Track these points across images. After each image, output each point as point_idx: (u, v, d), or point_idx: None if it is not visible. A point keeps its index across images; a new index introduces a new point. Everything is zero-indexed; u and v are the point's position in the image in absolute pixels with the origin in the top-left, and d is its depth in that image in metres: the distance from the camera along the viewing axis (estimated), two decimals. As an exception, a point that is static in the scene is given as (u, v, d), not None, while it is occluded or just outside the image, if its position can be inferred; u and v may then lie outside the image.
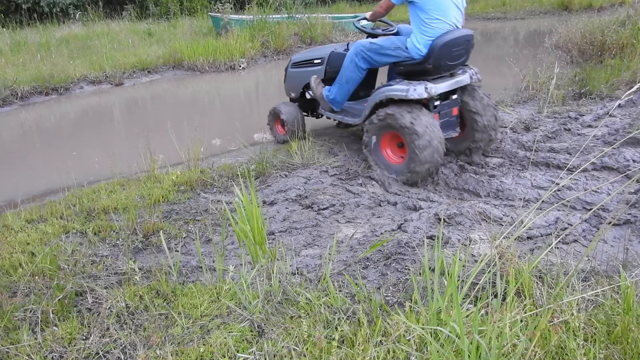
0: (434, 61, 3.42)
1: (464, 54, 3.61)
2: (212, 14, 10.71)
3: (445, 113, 3.69)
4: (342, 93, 3.91)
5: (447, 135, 3.66)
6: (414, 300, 1.91)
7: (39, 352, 1.87)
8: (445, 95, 3.67)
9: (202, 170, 3.80)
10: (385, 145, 3.67)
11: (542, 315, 1.63)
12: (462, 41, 3.50)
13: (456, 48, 3.48)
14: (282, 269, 2.22)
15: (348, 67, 3.76)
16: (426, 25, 3.39)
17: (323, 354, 1.71)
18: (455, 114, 3.76)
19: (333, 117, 4.19)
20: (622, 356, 1.60)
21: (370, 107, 3.68)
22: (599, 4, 12.30)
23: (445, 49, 3.39)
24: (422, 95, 3.37)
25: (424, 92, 3.36)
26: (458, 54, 3.53)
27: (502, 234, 2.41)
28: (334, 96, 3.97)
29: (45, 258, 2.43)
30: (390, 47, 3.55)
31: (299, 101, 4.52)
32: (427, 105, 3.56)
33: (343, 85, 3.86)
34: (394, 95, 3.47)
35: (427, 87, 3.37)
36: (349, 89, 3.87)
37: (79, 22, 11.92)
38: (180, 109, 6.50)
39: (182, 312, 2.05)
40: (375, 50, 3.62)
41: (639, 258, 2.32)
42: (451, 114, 3.73)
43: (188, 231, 2.96)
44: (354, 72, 3.75)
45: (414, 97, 3.38)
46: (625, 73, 5.55)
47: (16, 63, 8.11)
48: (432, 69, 3.48)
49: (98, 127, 5.99)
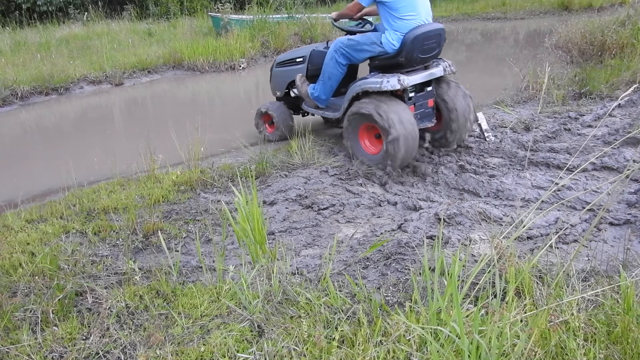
0: (406, 54, 3.57)
1: (436, 47, 3.74)
2: (212, 14, 10.71)
3: (421, 104, 3.84)
4: (325, 89, 4.06)
5: (424, 125, 3.85)
6: (414, 300, 1.91)
7: (39, 352, 1.87)
8: (421, 87, 3.82)
9: (202, 170, 3.80)
10: (363, 137, 3.83)
11: (541, 314, 1.63)
12: (433, 35, 3.64)
13: (428, 41, 3.62)
14: (282, 269, 2.22)
15: (329, 64, 3.92)
16: (397, 21, 3.55)
17: (323, 354, 1.71)
18: (430, 105, 3.91)
19: (317, 113, 4.33)
20: (622, 356, 1.61)
21: (347, 100, 3.84)
22: (599, 4, 12.29)
23: (416, 42, 3.54)
24: (395, 87, 3.53)
25: (397, 83, 3.52)
26: (430, 47, 3.68)
27: (502, 233, 2.41)
28: (318, 93, 4.11)
29: (45, 258, 2.43)
30: (366, 43, 3.70)
31: (284, 100, 4.66)
32: (402, 97, 3.71)
33: (326, 81, 4.00)
34: (368, 88, 3.64)
35: (400, 79, 3.53)
36: (332, 85, 4.01)
37: (79, 22, 11.91)
38: (180, 109, 6.50)
39: (182, 312, 2.05)
40: (352, 47, 3.77)
41: (639, 258, 2.32)
42: (427, 106, 3.89)
43: (188, 231, 2.96)
44: (335, 68, 3.91)
45: (387, 89, 3.55)
46: (625, 73, 5.55)
47: (16, 63, 8.11)
48: (405, 62, 3.62)
49: (98, 127, 5.99)
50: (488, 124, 4.68)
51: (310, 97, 4.20)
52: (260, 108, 4.69)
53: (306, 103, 4.36)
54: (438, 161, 3.87)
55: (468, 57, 9.69)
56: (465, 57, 9.68)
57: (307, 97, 4.23)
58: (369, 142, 3.85)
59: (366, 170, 3.69)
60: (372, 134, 3.81)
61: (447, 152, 4.02)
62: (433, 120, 3.94)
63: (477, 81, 6.59)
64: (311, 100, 4.22)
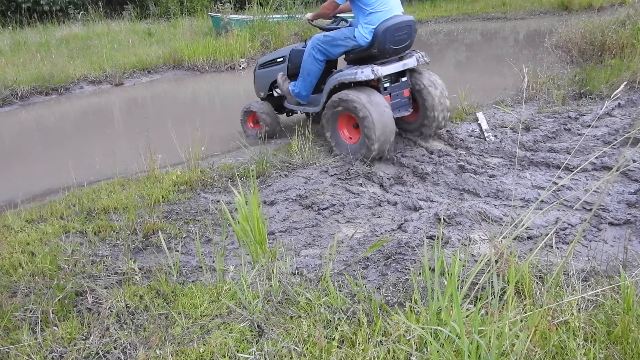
0: (378, 45, 3.75)
1: (407, 39, 3.92)
2: (212, 14, 10.71)
3: (397, 94, 4.05)
4: (306, 86, 4.22)
5: (400, 114, 4.06)
6: (414, 300, 1.91)
7: (39, 352, 1.87)
8: (396, 78, 4.04)
9: (202, 170, 3.80)
10: (342, 127, 4.03)
11: (538, 314, 1.63)
12: (404, 26, 3.83)
13: (399, 33, 3.81)
14: (282, 269, 2.22)
15: (307, 60, 4.09)
16: (369, 15, 3.74)
17: (323, 354, 1.71)
18: (406, 95, 4.12)
19: (298, 109, 4.51)
20: (622, 356, 1.60)
21: (326, 93, 4.05)
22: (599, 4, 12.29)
23: (387, 33, 3.73)
24: (369, 77, 3.72)
25: (371, 73, 3.72)
26: (401, 39, 3.86)
27: (501, 233, 2.41)
28: (299, 90, 4.27)
29: (45, 258, 2.43)
30: (341, 38, 3.89)
31: (267, 100, 4.82)
32: (378, 87, 3.91)
33: (306, 78, 4.17)
34: (344, 79, 3.85)
35: (373, 69, 3.73)
36: (312, 81, 4.18)
37: (79, 22, 11.91)
38: (180, 109, 6.50)
39: (182, 312, 2.05)
40: (328, 42, 3.96)
41: (639, 258, 2.32)
42: (402, 96, 4.09)
43: (188, 231, 2.96)
44: (313, 64, 4.08)
45: (362, 79, 3.75)
46: (625, 73, 5.55)
47: (16, 63, 8.11)
48: (377, 53, 3.81)
49: (98, 127, 5.99)
50: (488, 124, 4.68)
51: (291, 94, 4.35)
52: (245, 107, 4.85)
53: (288, 101, 4.50)
54: (438, 161, 3.87)
55: (468, 57, 9.69)
56: (465, 57, 9.68)
57: (289, 94, 4.38)
58: (347, 132, 4.04)
59: (366, 171, 3.69)
60: (351, 124, 4.00)
61: (448, 153, 4.02)
62: (409, 109, 4.14)
63: (477, 81, 6.59)
64: (293, 97, 4.37)
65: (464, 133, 4.52)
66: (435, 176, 3.58)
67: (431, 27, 13.34)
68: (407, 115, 4.20)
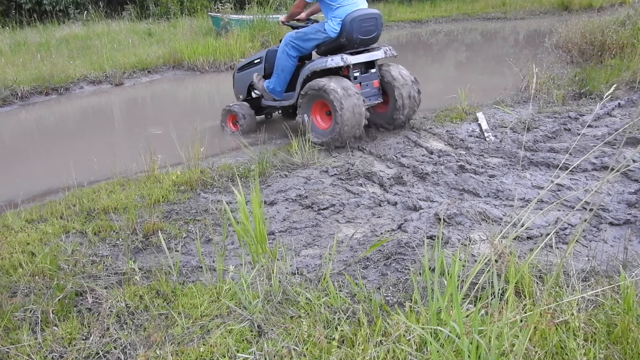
0: (346, 35, 4.06)
1: (374, 30, 4.23)
2: (212, 14, 10.71)
3: (366, 84, 4.35)
4: (279, 82, 4.49)
5: (371, 103, 4.34)
6: (414, 300, 1.91)
7: (39, 352, 1.87)
8: (365, 69, 4.35)
9: (202, 170, 3.80)
10: (316, 114, 4.30)
11: (537, 314, 1.63)
12: (370, 18, 4.16)
13: (365, 23, 4.12)
14: (282, 269, 2.22)
15: (281, 57, 4.37)
16: (336, 9, 4.07)
17: (323, 354, 1.71)
18: (376, 85, 4.41)
19: (275, 104, 4.71)
20: (622, 356, 1.61)
21: (300, 83, 4.32)
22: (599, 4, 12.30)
23: (354, 23, 4.04)
24: (339, 64, 4.05)
25: (340, 60, 4.05)
26: (368, 30, 4.17)
27: (501, 233, 2.41)
28: (273, 86, 4.54)
29: (45, 258, 2.43)
30: (312, 32, 4.21)
31: (246, 102, 5.04)
32: (348, 76, 4.19)
33: (279, 74, 4.44)
34: (316, 68, 4.16)
35: (342, 57, 4.07)
36: (285, 77, 4.45)
37: (79, 22, 11.91)
38: (181, 109, 6.50)
39: (182, 312, 2.05)
40: (300, 38, 4.26)
41: (639, 258, 2.32)
42: (372, 86, 4.39)
43: (188, 231, 2.96)
44: (287, 60, 4.35)
45: (332, 66, 4.06)
46: (625, 73, 5.55)
47: (16, 63, 8.11)
48: (346, 42, 4.11)
49: (98, 127, 5.99)
50: (488, 124, 4.68)
51: (266, 91, 4.61)
52: (226, 107, 5.05)
53: (265, 98, 4.74)
54: (438, 161, 3.87)
55: (468, 57, 9.69)
56: (465, 57, 9.68)
57: (264, 91, 4.64)
58: (320, 119, 4.31)
59: (366, 171, 3.69)
60: (324, 112, 4.27)
61: (448, 153, 4.02)
62: (379, 99, 4.44)
63: (477, 81, 6.59)
64: (268, 94, 4.63)
65: (464, 133, 4.52)
66: (435, 176, 3.58)
67: (431, 27, 13.33)
68: (378, 107, 4.53)
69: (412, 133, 4.59)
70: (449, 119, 4.96)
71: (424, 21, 13.78)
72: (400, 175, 3.60)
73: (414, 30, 13.02)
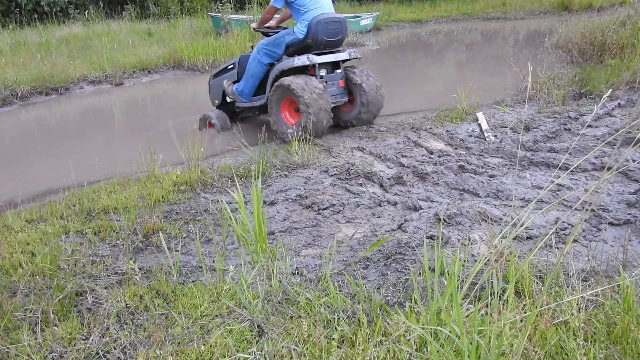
0: (312, 36, 4.38)
1: (339, 33, 4.55)
2: (212, 14, 10.72)
3: (332, 83, 4.64)
4: (248, 85, 4.81)
5: (337, 101, 4.65)
6: (414, 300, 1.91)
7: (39, 352, 1.87)
8: (332, 69, 4.65)
9: (202, 170, 3.80)
10: (285, 110, 4.58)
11: (535, 314, 1.63)
12: (334, 21, 4.49)
13: (330, 26, 4.44)
14: (282, 269, 2.22)
15: (252, 63, 4.71)
16: (304, 14, 4.40)
17: (323, 354, 1.71)
18: (341, 85, 4.72)
19: (247, 105, 4.97)
20: (622, 356, 1.61)
21: (270, 82, 4.60)
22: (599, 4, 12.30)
23: (319, 25, 4.37)
24: (305, 62, 4.36)
25: (306, 59, 4.36)
26: (333, 32, 4.49)
27: (500, 233, 2.41)
28: (242, 88, 4.86)
29: (45, 258, 2.43)
30: (282, 35, 4.53)
31: (221, 107, 5.31)
32: (315, 75, 4.49)
33: (249, 79, 4.78)
34: (284, 67, 4.46)
35: (308, 57, 4.38)
36: (254, 82, 4.77)
37: (79, 22, 11.91)
38: (181, 109, 6.50)
39: (182, 312, 2.05)
40: (272, 43, 4.58)
41: (639, 258, 2.32)
42: (338, 85, 4.69)
43: (188, 231, 2.96)
44: (257, 67, 4.69)
45: (298, 64, 4.37)
46: (625, 73, 5.55)
47: (16, 63, 8.11)
48: (312, 43, 4.43)
49: (98, 127, 5.99)
50: (488, 124, 4.68)
51: (235, 94, 4.94)
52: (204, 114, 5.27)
53: (237, 102, 5.04)
54: (438, 161, 3.87)
55: (468, 57, 9.69)
56: (465, 57, 9.68)
57: (234, 94, 4.96)
58: (289, 115, 4.59)
59: (366, 171, 3.69)
60: (292, 108, 4.56)
61: (448, 153, 4.02)
62: (345, 97, 4.74)
63: (477, 81, 6.59)
64: (237, 96, 4.95)
65: (464, 133, 4.52)
66: (435, 176, 3.58)
67: (431, 27, 13.33)
68: (344, 106, 4.84)
69: (412, 133, 4.59)
70: (449, 119, 4.96)
71: (424, 21, 13.78)
72: (400, 175, 3.60)
73: (414, 30, 13.03)
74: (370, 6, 15.57)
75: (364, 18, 12.59)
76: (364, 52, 10.50)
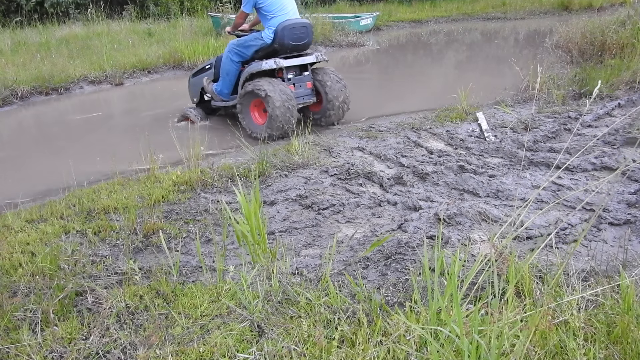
0: (279, 41, 4.64)
1: (305, 37, 4.80)
2: (212, 14, 10.71)
3: (300, 85, 4.92)
4: (225, 84, 5.07)
5: (305, 102, 4.96)
6: (414, 300, 1.91)
7: (39, 352, 1.87)
8: (300, 72, 4.94)
9: (202, 170, 3.80)
10: (254, 111, 4.86)
11: (539, 314, 1.63)
12: (300, 26, 4.73)
13: (296, 31, 4.69)
14: (282, 269, 2.22)
15: (225, 62, 4.98)
16: (271, 19, 4.65)
17: (323, 354, 1.71)
18: (309, 87, 4.99)
19: (223, 104, 5.22)
20: (622, 356, 1.61)
21: (241, 84, 4.87)
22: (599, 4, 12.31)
23: (286, 30, 4.62)
24: (272, 66, 4.64)
25: (274, 63, 4.65)
26: (299, 37, 4.73)
27: (500, 233, 2.41)
28: (220, 88, 5.13)
29: (45, 258, 2.43)
30: (252, 39, 4.80)
31: (199, 105, 5.61)
32: (283, 78, 4.78)
33: (225, 77, 5.04)
34: (253, 70, 4.74)
35: (275, 61, 4.67)
36: (230, 80, 5.02)
37: (79, 22, 11.91)
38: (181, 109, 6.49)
39: (182, 312, 2.05)
40: (241, 45, 4.85)
41: (639, 258, 2.32)
42: (306, 87, 4.97)
43: (188, 231, 2.96)
44: (230, 65, 4.95)
45: (266, 68, 4.65)
46: (625, 73, 5.55)
47: (16, 63, 8.11)
48: (279, 48, 4.68)
49: (98, 127, 5.99)
50: (488, 124, 4.68)
51: (215, 93, 5.19)
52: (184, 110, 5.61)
53: (214, 99, 5.28)
54: (438, 161, 3.87)
55: (468, 57, 9.69)
56: (465, 57, 9.68)
57: (213, 93, 5.22)
58: (258, 115, 4.86)
59: (366, 171, 3.69)
60: (261, 109, 4.84)
61: (448, 153, 4.02)
62: (313, 98, 5.03)
63: (477, 81, 6.59)
64: (217, 96, 5.20)
65: (464, 133, 4.52)
66: (435, 176, 3.58)
67: (431, 27, 13.34)
68: (312, 106, 5.13)
69: (412, 133, 4.59)
70: (449, 119, 4.96)
71: (424, 21, 13.78)
72: (400, 175, 3.60)
73: (414, 30, 13.03)
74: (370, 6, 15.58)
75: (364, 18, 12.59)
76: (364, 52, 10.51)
